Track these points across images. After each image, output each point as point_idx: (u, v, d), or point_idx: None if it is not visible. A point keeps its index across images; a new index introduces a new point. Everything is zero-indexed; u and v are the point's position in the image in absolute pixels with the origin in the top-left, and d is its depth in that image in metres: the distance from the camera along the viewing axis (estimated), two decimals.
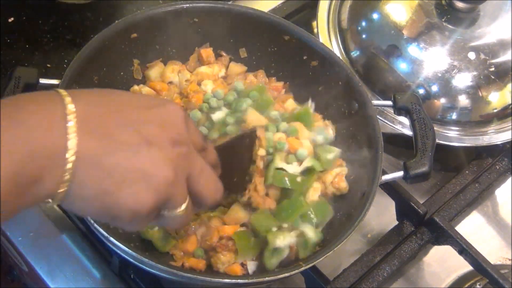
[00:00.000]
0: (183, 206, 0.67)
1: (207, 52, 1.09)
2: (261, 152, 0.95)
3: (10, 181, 0.56)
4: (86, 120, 0.61)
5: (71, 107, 0.60)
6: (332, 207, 0.99)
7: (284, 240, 0.93)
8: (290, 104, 1.07)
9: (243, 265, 0.94)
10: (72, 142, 0.59)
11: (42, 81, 0.94)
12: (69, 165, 0.59)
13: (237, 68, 1.11)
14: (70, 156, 0.59)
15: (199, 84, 1.07)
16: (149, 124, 0.64)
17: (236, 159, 0.90)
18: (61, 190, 0.60)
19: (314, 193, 0.99)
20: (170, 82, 1.07)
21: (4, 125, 0.57)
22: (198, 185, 0.69)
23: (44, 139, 0.58)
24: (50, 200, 0.61)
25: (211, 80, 1.07)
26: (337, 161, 1.03)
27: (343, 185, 1.00)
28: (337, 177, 1.01)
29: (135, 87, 1.06)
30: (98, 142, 0.61)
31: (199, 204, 0.71)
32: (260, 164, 0.93)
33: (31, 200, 0.59)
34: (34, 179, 0.58)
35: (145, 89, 1.05)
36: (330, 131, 1.05)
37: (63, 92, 0.62)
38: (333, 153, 1.03)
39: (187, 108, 1.03)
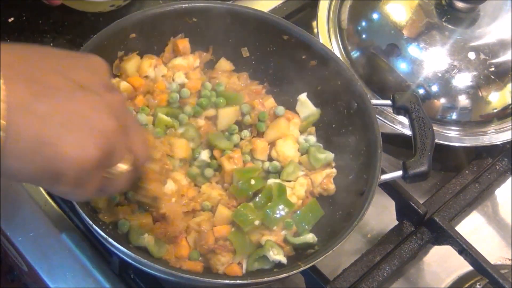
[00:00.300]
0: (126, 164, 0.62)
1: (183, 42, 1.08)
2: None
3: None
4: (11, 66, 0.56)
5: None
6: (322, 208, 1.00)
7: (276, 255, 0.93)
8: (270, 103, 1.09)
9: (239, 263, 0.94)
10: None
11: None
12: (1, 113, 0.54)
13: (226, 65, 1.11)
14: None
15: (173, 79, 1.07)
16: (77, 70, 0.60)
17: None
18: None
19: (300, 188, 1.00)
20: (146, 76, 1.05)
21: None
22: (135, 139, 0.64)
23: None
24: None
25: (182, 72, 1.06)
26: (329, 164, 1.05)
27: (331, 186, 1.02)
28: (326, 178, 1.02)
29: (112, 80, 1.03)
30: (27, 88, 0.56)
31: (137, 160, 0.65)
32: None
33: None
34: None
35: (123, 84, 1.02)
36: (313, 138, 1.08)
37: None
38: (324, 154, 1.04)
39: (136, 106, 1.02)
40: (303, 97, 1.09)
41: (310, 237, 0.96)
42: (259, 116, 1.06)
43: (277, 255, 0.93)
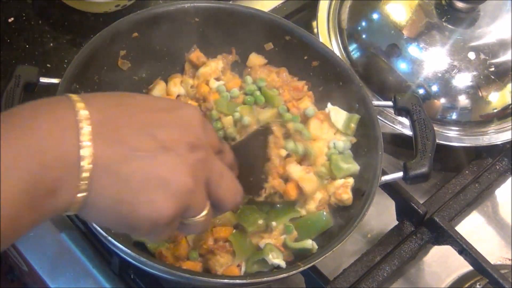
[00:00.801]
0: (204, 213, 0.65)
1: (195, 55, 1.08)
2: (282, 152, 0.93)
3: (24, 193, 0.54)
4: (100, 125, 0.58)
5: (83, 113, 0.58)
6: (331, 217, 0.99)
7: (275, 259, 0.93)
8: (305, 104, 1.06)
9: (238, 266, 0.94)
10: (87, 150, 0.57)
11: (42, 80, 0.94)
12: (85, 174, 0.57)
13: (257, 59, 1.10)
14: (86, 164, 0.57)
15: (207, 83, 1.06)
16: (165, 128, 0.62)
17: (251, 157, 0.88)
18: (78, 201, 0.58)
19: (312, 203, 0.98)
20: (178, 95, 1.07)
21: (14, 136, 0.55)
22: (219, 190, 0.66)
23: (57, 148, 0.56)
24: (66, 212, 0.59)
25: (212, 78, 1.07)
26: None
27: (346, 196, 0.98)
28: (342, 188, 0.99)
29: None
30: (113, 149, 0.58)
31: (220, 208, 0.69)
32: (277, 161, 0.91)
33: (47, 212, 0.57)
34: (49, 191, 0.56)
35: None
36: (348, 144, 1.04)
37: (74, 97, 0.59)
38: (348, 165, 1.00)
39: (206, 109, 1.03)
40: (332, 110, 1.05)
41: (309, 244, 0.95)
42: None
43: (276, 259, 0.93)
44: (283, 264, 0.93)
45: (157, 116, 0.63)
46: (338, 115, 1.05)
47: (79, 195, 0.57)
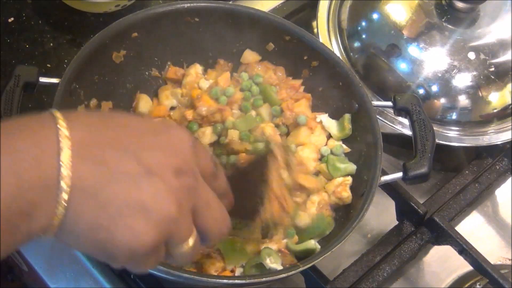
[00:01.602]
0: (190, 242, 0.62)
1: (172, 71, 1.08)
2: (284, 174, 0.89)
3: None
4: (82, 146, 0.55)
5: (64, 132, 0.55)
6: (333, 219, 0.99)
7: (273, 263, 0.93)
8: (302, 107, 1.07)
9: (232, 271, 0.93)
10: (66, 172, 0.54)
11: (42, 79, 0.94)
12: (63, 196, 0.54)
13: (251, 56, 1.11)
14: (65, 186, 0.54)
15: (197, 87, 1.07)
16: (151, 152, 0.59)
17: (249, 184, 0.84)
18: (54, 225, 0.55)
19: (311, 206, 0.98)
20: (172, 108, 1.06)
21: None
22: (204, 219, 0.63)
23: (35, 169, 0.53)
24: (43, 236, 0.56)
25: (203, 79, 1.07)
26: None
27: (345, 194, 0.99)
28: (341, 186, 1.00)
29: None
30: (94, 171, 0.55)
31: (204, 239, 0.65)
32: (275, 185, 0.87)
33: (22, 236, 0.54)
34: (25, 214, 0.53)
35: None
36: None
37: (57, 114, 0.56)
38: (345, 164, 1.02)
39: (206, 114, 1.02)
40: (324, 118, 1.07)
41: (312, 244, 0.95)
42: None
43: (274, 264, 0.92)
44: (280, 267, 0.92)
45: (143, 138, 0.60)
46: (329, 122, 1.07)
47: (56, 219, 0.54)
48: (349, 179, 1.01)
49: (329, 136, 1.07)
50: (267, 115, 1.06)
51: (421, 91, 1.17)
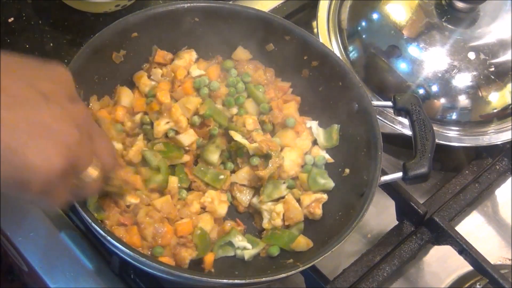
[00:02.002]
0: (95, 171, 0.64)
1: (160, 55, 1.07)
2: None
3: None
4: None
5: None
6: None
7: (241, 241, 0.96)
8: (290, 109, 1.08)
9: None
10: None
11: None
12: None
13: (243, 54, 1.11)
14: None
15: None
16: (44, 81, 0.61)
17: None
18: None
19: (277, 217, 0.99)
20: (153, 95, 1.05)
21: None
22: (99, 146, 0.66)
23: None
24: None
25: (195, 65, 1.07)
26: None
27: (318, 211, 1.01)
28: (315, 202, 1.01)
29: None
30: None
31: (103, 164, 0.68)
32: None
33: None
34: None
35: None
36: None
37: None
38: (325, 180, 1.03)
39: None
40: (314, 125, 1.08)
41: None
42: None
43: (242, 241, 0.96)
44: (249, 245, 0.96)
45: (34, 70, 0.62)
46: (318, 130, 1.08)
47: None
48: (325, 197, 1.02)
49: (315, 143, 1.08)
50: (252, 109, 1.07)
51: (421, 91, 1.17)
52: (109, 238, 0.83)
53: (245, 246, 0.97)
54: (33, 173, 0.58)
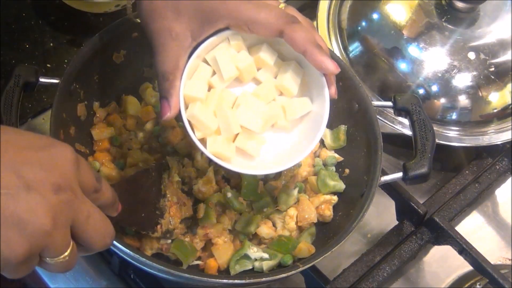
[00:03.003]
0: (66, 253, 0.64)
1: None
2: (175, 178, 0.94)
3: None
4: None
5: None
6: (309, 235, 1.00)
7: (257, 252, 0.94)
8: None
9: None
10: None
11: (42, 79, 0.94)
12: None
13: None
14: None
15: None
16: (31, 167, 0.61)
17: (143, 193, 0.87)
18: None
19: (290, 221, 0.99)
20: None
21: None
22: (84, 232, 0.66)
23: None
24: None
25: None
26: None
27: (328, 213, 1.00)
28: (324, 203, 1.00)
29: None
30: None
31: (87, 249, 0.68)
32: (174, 198, 0.91)
33: None
34: None
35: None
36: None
37: None
38: (335, 182, 1.02)
39: None
40: None
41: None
42: None
43: (258, 252, 0.94)
44: (265, 255, 0.94)
45: (24, 153, 0.62)
46: (325, 130, 1.06)
47: None
48: (335, 199, 1.01)
49: (322, 143, 1.07)
50: None
51: (421, 91, 1.17)
52: None
53: (262, 257, 0.94)
54: None
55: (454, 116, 1.18)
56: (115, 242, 0.83)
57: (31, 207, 0.60)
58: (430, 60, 1.17)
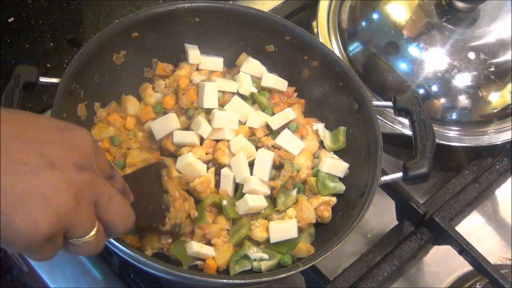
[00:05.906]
0: (92, 233, 0.64)
1: (161, 68, 1.08)
2: (174, 173, 0.95)
3: None
4: None
5: None
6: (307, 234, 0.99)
7: (256, 253, 0.94)
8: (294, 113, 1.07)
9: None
10: None
11: (42, 79, 0.94)
12: None
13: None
14: None
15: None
16: (54, 146, 0.62)
17: (145, 188, 0.88)
18: None
19: (290, 220, 0.98)
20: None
21: None
22: (108, 212, 0.66)
23: None
24: None
25: (196, 72, 1.07)
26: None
27: (327, 214, 1.00)
28: (323, 205, 1.00)
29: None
30: None
31: (110, 232, 0.68)
32: (176, 193, 0.91)
33: None
34: None
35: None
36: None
37: None
38: (335, 184, 1.02)
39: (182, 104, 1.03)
40: (320, 127, 1.07)
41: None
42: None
43: (257, 253, 0.94)
44: (265, 256, 0.94)
45: (48, 134, 0.63)
46: (324, 132, 1.07)
47: None
48: (334, 200, 1.01)
49: (322, 145, 1.07)
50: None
51: (421, 91, 1.17)
52: (110, 239, 0.83)
53: (261, 257, 0.94)
54: (15, 236, 0.59)
55: (454, 116, 1.18)
56: (115, 242, 0.83)
57: (55, 184, 0.60)
58: (430, 60, 1.17)
